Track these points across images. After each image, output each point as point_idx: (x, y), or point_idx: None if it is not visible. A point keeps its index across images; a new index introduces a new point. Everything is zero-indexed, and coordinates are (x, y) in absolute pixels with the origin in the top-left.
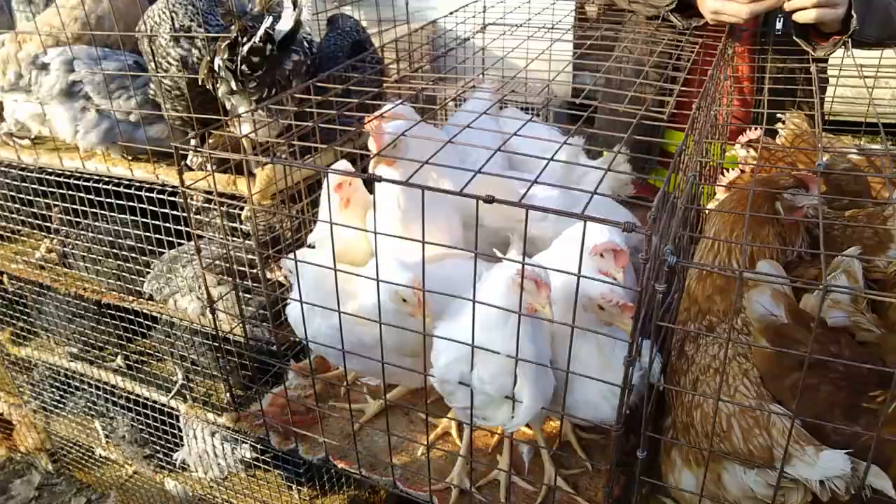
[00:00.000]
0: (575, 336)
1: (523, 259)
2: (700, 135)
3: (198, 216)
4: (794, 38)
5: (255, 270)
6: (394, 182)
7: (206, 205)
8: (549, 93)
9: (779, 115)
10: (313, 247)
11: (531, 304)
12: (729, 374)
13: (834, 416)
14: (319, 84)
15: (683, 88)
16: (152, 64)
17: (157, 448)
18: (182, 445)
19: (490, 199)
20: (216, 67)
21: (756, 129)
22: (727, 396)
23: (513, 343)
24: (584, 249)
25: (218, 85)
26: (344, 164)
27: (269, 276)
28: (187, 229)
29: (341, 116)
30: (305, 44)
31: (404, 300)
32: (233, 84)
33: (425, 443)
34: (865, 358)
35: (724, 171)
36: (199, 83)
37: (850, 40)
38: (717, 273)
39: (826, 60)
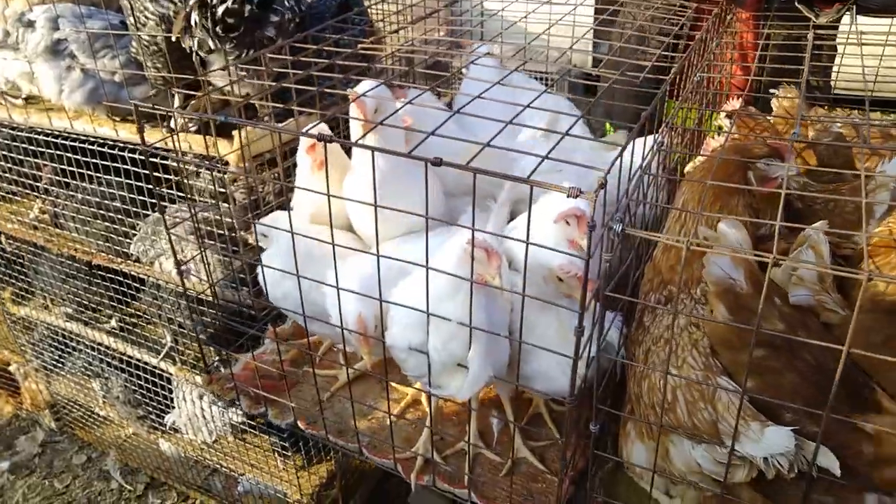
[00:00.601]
0: (534, 307)
1: (472, 227)
2: (682, 101)
3: (177, 178)
4: (797, 3)
5: (232, 234)
6: (342, 143)
7: (189, 167)
8: (568, 62)
9: (771, 91)
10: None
11: (482, 273)
12: (679, 344)
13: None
14: (296, 45)
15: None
16: (131, 19)
17: (151, 409)
18: (173, 408)
19: (438, 162)
20: (192, 24)
21: (737, 98)
22: (674, 368)
23: (464, 311)
24: (537, 216)
25: (193, 44)
26: (321, 128)
27: (250, 240)
28: (170, 192)
29: (318, 78)
30: (288, 2)
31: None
32: (210, 43)
33: (392, 411)
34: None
35: (711, 138)
36: (175, 41)
37: (854, 6)
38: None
39: (836, 28)
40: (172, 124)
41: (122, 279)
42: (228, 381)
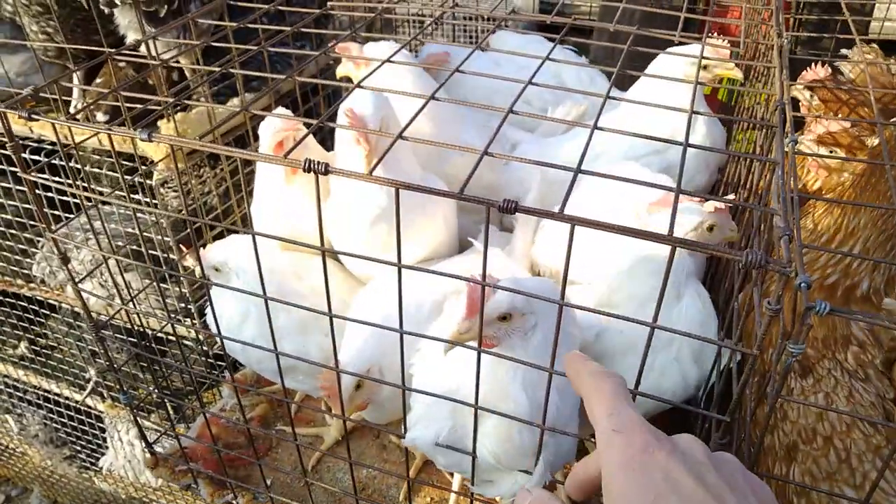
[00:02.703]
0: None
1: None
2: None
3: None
4: None
5: (171, 256)
6: (346, 174)
7: (99, 169)
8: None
9: (844, 51)
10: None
11: (488, 335)
12: (850, 450)
13: None
14: (235, 2)
15: None
16: None
17: (80, 448)
18: (107, 447)
19: (510, 208)
20: None
21: (822, 64)
22: (851, 487)
23: (518, 396)
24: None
25: None
26: (281, 113)
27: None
28: (75, 200)
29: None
30: None
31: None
32: None
33: (405, 475)
34: None
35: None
36: None
37: None
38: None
39: None
40: (72, 109)
41: (25, 304)
42: (180, 461)
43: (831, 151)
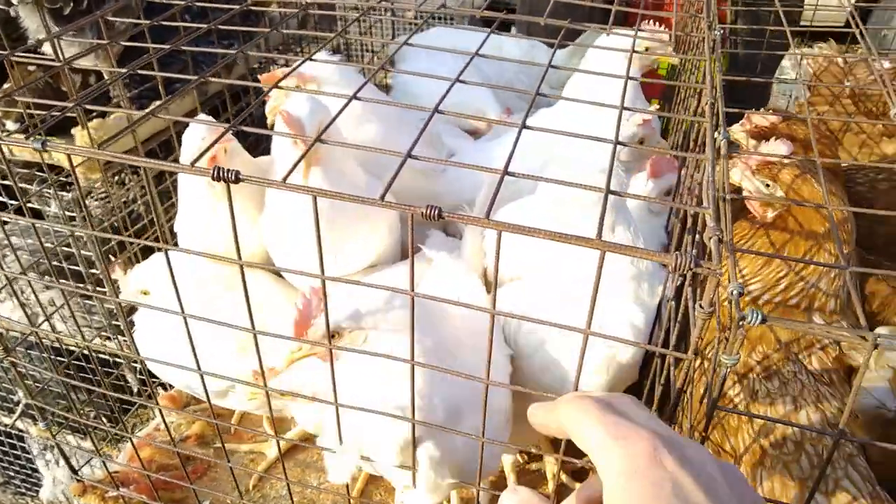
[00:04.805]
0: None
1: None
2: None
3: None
4: None
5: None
6: (267, 184)
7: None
8: None
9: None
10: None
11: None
12: (822, 455)
13: None
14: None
15: None
16: None
17: (13, 474)
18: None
19: (436, 214)
20: None
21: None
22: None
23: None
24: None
25: None
26: (204, 119)
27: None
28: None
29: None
30: None
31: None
32: None
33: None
34: None
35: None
36: None
37: None
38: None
39: None
40: None
41: None
42: (110, 486)
43: (767, 185)
